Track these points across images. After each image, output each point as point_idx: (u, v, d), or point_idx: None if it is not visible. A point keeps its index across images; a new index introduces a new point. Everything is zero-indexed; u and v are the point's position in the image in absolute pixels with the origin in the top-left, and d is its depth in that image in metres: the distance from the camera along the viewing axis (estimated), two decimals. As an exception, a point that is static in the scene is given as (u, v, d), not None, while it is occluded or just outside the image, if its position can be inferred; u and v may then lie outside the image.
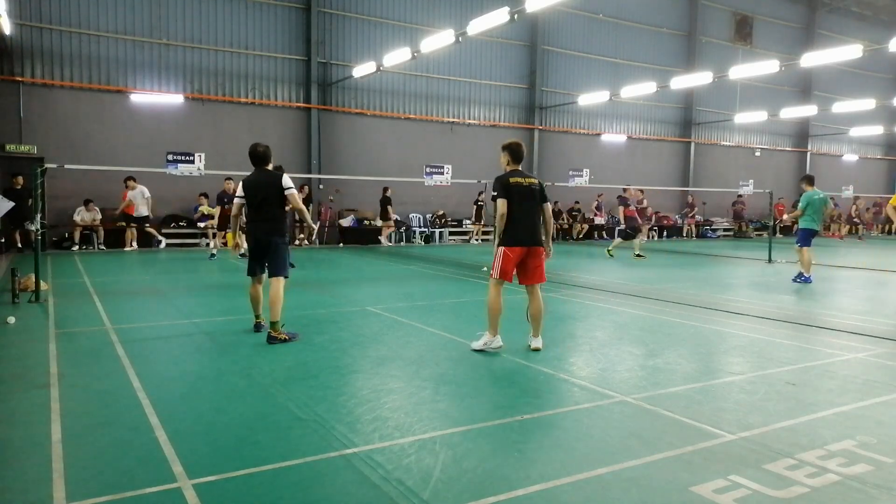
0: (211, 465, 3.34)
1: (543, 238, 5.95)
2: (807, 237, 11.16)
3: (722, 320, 7.68)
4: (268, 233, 6.28)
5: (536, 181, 5.94)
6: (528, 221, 5.79)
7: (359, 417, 4.09)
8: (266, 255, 6.38)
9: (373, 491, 3.08)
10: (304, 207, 6.47)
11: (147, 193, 15.93)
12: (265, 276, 6.51)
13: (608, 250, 15.85)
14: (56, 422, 3.94)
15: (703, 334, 6.92)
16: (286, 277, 6.37)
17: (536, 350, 5.88)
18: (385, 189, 19.34)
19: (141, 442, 3.65)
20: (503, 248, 5.76)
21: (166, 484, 3.12)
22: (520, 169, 5.95)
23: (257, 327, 6.62)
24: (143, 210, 15.99)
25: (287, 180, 6.30)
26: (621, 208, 16.04)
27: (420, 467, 3.34)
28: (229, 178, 14.85)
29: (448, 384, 4.85)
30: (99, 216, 16.40)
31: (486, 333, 5.86)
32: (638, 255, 15.48)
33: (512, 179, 5.78)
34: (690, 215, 25.75)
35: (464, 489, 3.09)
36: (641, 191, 17.14)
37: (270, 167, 6.56)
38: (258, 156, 6.39)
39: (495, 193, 5.77)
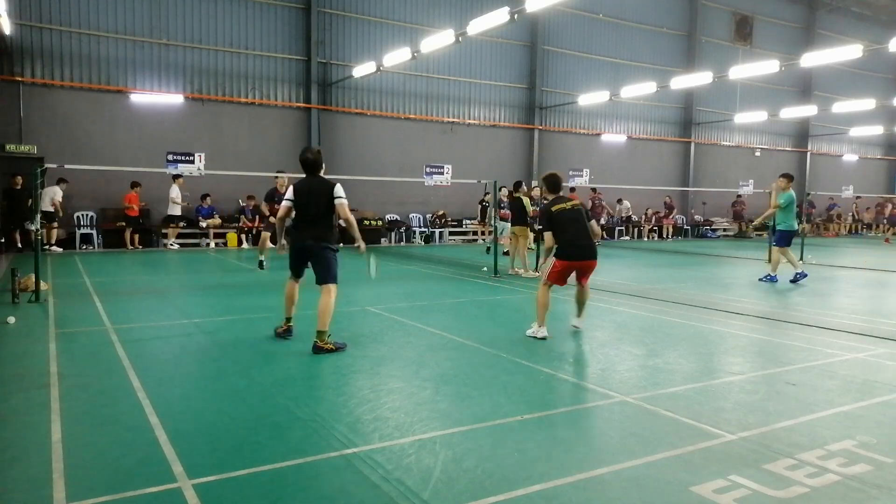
0: (211, 465, 3.33)
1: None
2: (788, 238, 11.11)
3: (722, 320, 7.67)
4: (315, 239, 5.85)
5: (579, 201, 6.57)
6: (578, 240, 6.34)
7: (359, 417, 4.09)
8: (309, 261, 5.99)
9: (373, 491, 3.08)
10: (352, 219, 5.94)
11: (175, 192, 16.68)
12: (302, 280, 6.20)
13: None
14: (56, 422, 3.93)
15: (703, 334, 6.92)
16: (336, 284, 5.95)
17: (576, 328, 6.64)
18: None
19: (141, 442, 3.65)
20: (556, 260, 6.36)
21: (166, 484, 3.12)
22: (560, 195, 6.49)
23: (287, 332, 6.20)
24: (176, 209, 16.76)
25: (339, 189, 5.85)
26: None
27: (420, 467, 3.34)
28: (281, 172, 12.81)
29: (448, 384, 4.85)
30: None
31: (535, 324, 6.39)
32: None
33: (555, 208, 6.38)
34: (669, 217, 25.63)
35: (464, 489, 3.09)
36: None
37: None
38: (308, 163, 5.95)
39: (540, 227, 6.52)
